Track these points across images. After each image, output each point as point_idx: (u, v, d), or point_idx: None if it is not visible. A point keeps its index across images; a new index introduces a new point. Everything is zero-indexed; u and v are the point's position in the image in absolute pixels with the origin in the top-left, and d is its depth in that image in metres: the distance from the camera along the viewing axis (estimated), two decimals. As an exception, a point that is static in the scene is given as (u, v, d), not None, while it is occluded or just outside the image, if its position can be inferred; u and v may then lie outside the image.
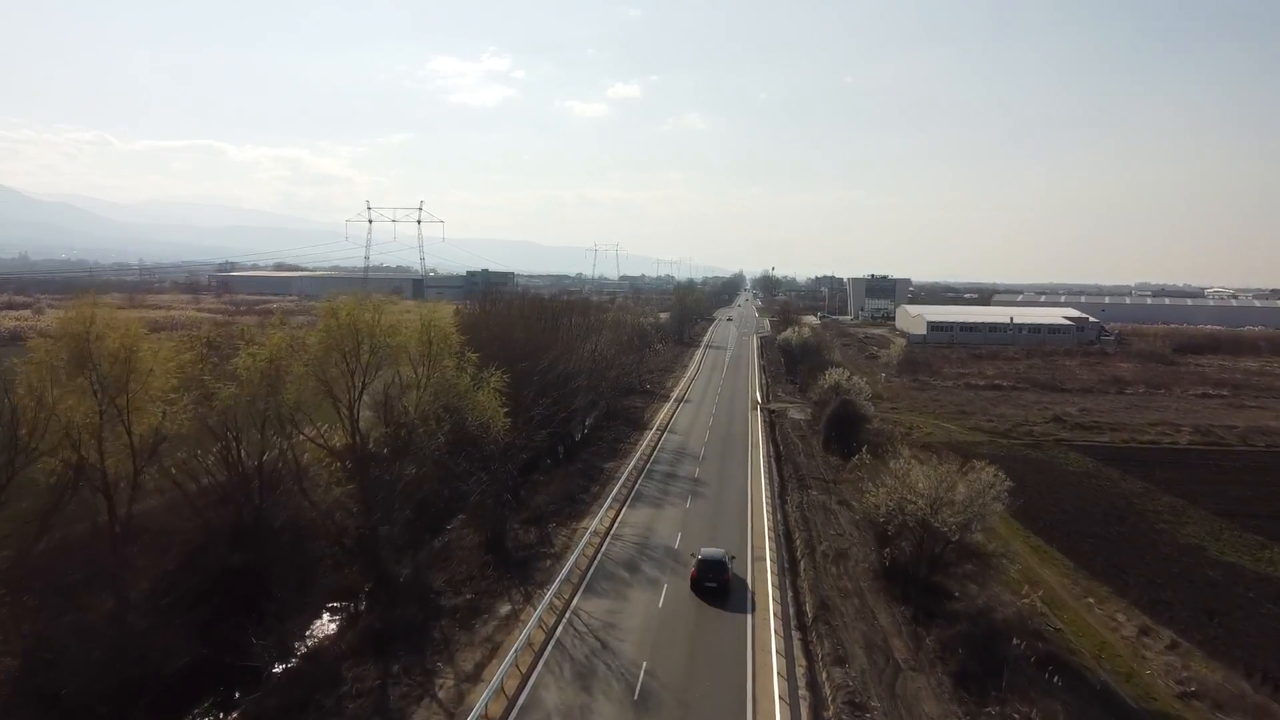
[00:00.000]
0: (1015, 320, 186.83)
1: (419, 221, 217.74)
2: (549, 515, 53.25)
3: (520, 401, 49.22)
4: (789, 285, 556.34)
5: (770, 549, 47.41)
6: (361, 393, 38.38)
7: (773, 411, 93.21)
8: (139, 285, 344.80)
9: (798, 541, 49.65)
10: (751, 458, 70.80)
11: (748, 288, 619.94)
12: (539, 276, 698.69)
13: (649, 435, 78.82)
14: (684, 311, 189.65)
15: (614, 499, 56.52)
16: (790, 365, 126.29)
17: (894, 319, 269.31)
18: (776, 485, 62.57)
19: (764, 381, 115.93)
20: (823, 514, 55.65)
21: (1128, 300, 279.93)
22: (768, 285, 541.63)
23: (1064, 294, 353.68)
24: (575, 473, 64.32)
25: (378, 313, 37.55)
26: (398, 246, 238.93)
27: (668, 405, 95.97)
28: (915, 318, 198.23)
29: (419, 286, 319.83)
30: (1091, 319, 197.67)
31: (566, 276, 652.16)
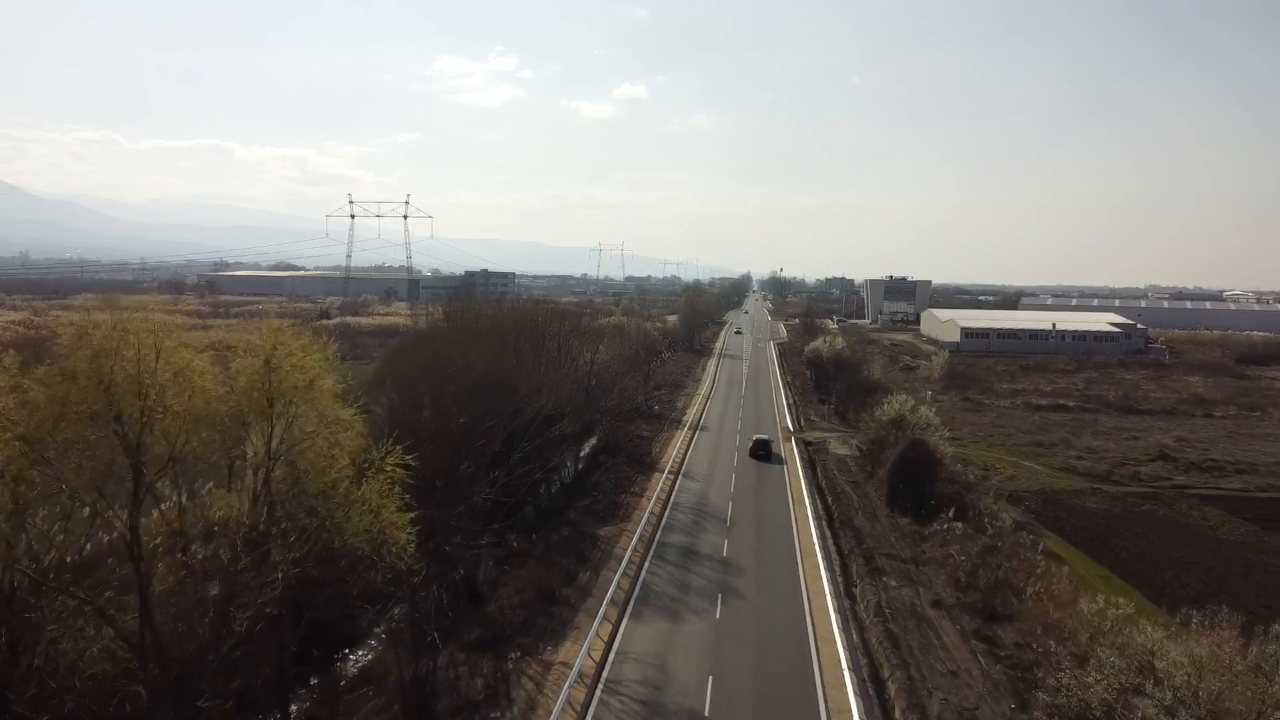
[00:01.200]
0: (1058, 327, 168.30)
1: (405, 217, 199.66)
2: (511, 632, 35.35)
3: (460, 477, 31.10)
4: (798, 287, 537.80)
5: (857, 711, 29.37)
6: (140, 492, 20.48)
7: (810, 444, 75.18)
8: (124, 285, 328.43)
9: (892, 689, 31.66)
10: (796, 518, 52.78)
11: (755, 289, 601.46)
12: (543, 277, 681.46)
13: (658, 481, 60.76)
14: (694, 316, 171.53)
15: (610, 599, 38.50)
16: (820, 380, 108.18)
17: (918, 324, 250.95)
18: (838, 569, 44.52)
19: (792, 401, 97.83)
20: (915, 624, 37.54)
21: (1165, 304, 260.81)
22: (777, 287, 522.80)
23: (1078, 295, 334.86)
24: (559, 545, 46.43)
25: (155, 344, 19.63)
26: (382, 244, 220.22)
27: (681, 434, 78.04)
28: (946, 323, 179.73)
29: (415, 288, 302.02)
30: (1139, 325, 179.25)
31: (571, 277, 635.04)
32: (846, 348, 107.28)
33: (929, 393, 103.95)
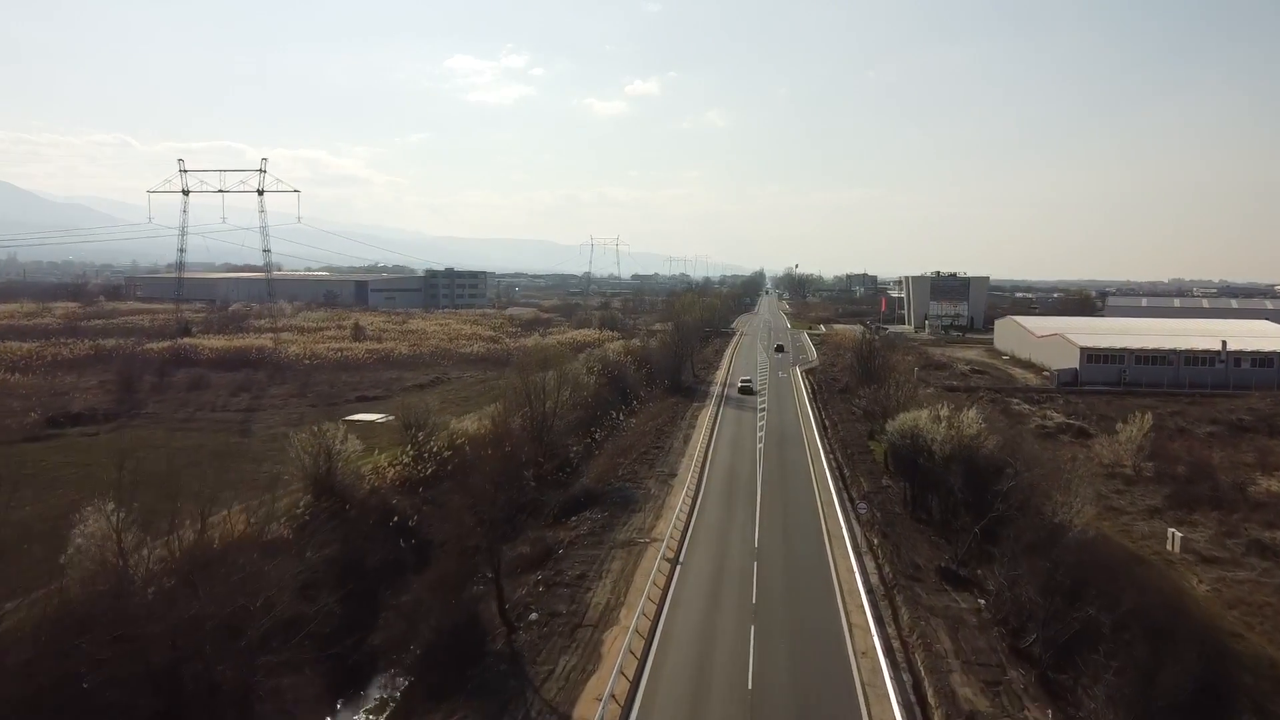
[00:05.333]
0: (1229, 348, 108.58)
1: (260, 192, 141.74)
2: None
3: None
4: (816, 284, 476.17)
5: None
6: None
7: None
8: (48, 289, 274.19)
9: None
10: None
11: (769, 288, 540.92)
12: (543, 276, 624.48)
13: None
14: (684, 336, 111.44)
15: None
16: (919, 488, 49.78)
17: (973, 330, 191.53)
18: None
19: (886, 579, 39.23)
20: None
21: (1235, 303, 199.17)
22: (793, 285, 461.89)
23: (1114, 291, 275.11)
24: None
25: None
26: (228, 228, 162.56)
27: None
28: (1049, 340, 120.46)
29: (362, 290, 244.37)
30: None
31: (573, 276, 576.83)
32: (987, 431, 46.96)
33: (1175, 534, 45.13)
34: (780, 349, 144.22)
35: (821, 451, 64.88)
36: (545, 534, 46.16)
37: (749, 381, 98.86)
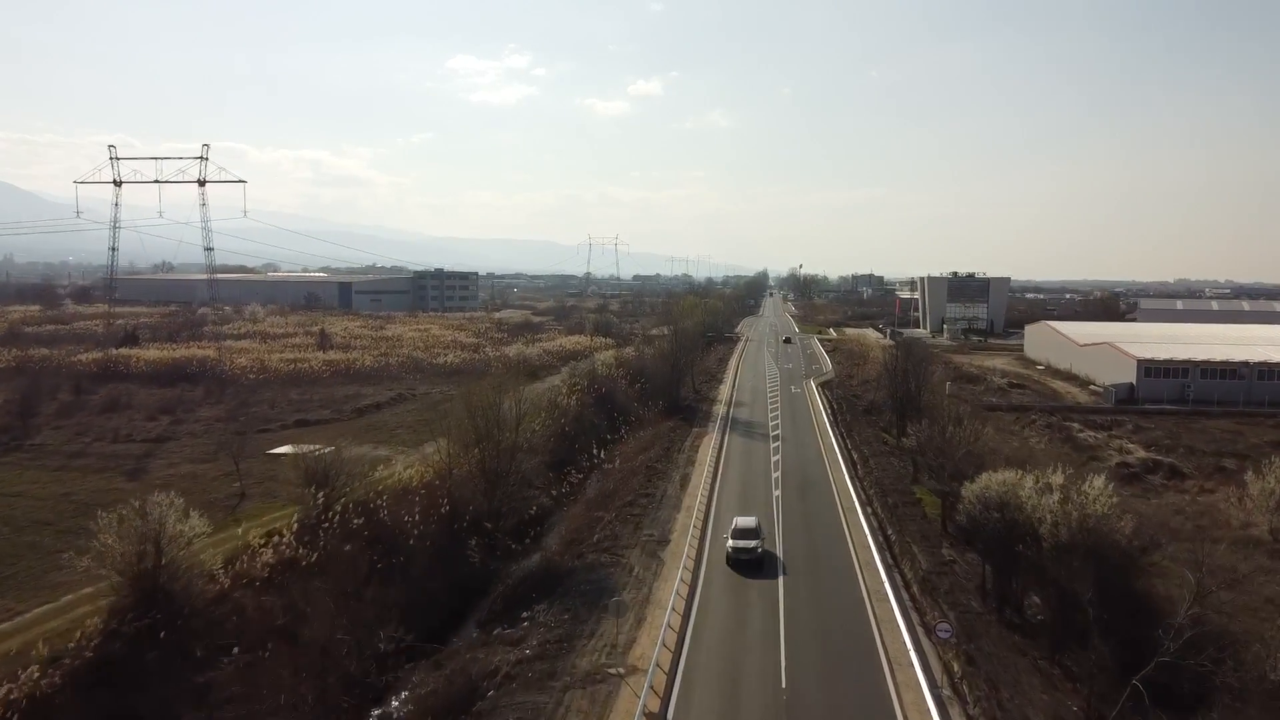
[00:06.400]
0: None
1: (201, 183, 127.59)
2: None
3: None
4: (821, 285, 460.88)
5: None
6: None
7: None
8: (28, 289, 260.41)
9: None
10: None
11: (772, 289, 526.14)
12: (543, 276, 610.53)
13: None
14: (683, 345, 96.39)
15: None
16: (1002, 570, 35.15)
17: (1007, 336, 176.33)
18: None
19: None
20: None
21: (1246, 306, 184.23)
22: (798, 285, 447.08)
23: (1125, 291, 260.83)
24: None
25: None
26: (166, 223, 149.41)
27: None
28: (1095, 349, 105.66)
29: (346, 292, 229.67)
30: None
31: (574, 276, 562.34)
32: (1120, 508, 32.06)
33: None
34: (788, 341, 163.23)
35: (857, 502, 50.21)
36: (475, 652, 31.60)
37: (750, 531, 40.47)
